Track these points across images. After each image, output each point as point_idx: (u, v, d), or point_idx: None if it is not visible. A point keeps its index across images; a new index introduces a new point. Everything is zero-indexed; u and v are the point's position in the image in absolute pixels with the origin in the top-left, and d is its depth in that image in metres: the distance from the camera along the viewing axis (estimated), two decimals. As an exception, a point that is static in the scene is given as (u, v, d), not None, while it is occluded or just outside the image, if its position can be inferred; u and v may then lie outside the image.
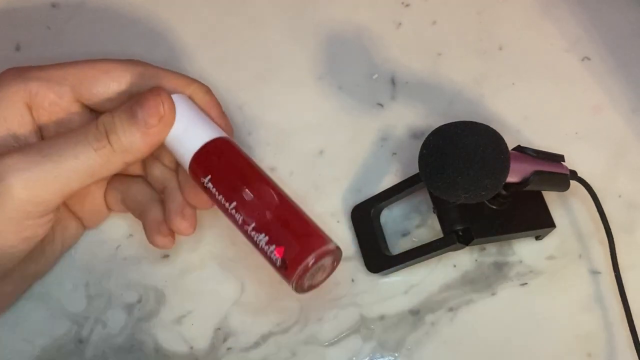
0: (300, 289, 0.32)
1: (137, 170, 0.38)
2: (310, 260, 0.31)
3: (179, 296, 0.40)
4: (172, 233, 0.36)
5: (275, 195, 0.33)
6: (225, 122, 0.36)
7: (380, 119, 0.43)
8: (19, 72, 0.34)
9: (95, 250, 0.41)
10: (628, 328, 0.37)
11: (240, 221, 0.33)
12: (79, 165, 0.31)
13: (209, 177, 0.33)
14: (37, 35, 0.46)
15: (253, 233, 0.32)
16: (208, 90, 0.36)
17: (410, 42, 0.46)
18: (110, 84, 0.35)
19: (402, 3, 0.47)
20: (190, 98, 0.35)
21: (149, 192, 0.37)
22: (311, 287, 0.33)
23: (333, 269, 0.34)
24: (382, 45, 0.45)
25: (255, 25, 0.46)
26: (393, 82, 0.45)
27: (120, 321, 0.39)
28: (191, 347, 0.39)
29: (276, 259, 0.32)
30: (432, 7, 0.47)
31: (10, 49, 0.46)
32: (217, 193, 0.33)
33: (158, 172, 0.37)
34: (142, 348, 0.39)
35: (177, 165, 0.37)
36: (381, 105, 0.44)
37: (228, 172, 0.33)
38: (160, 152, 0.36)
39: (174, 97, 0.34)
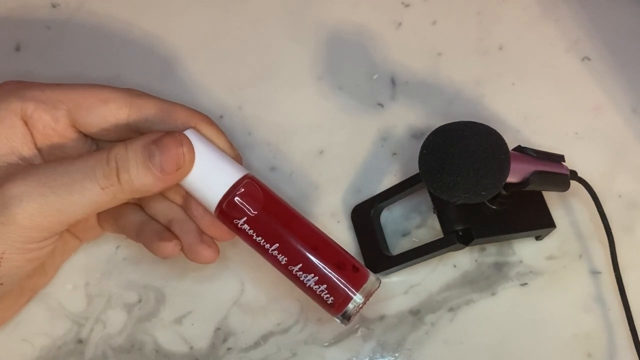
0: (349, 322, 0.33)
1: (131, 199, 0.36)
2: (360, 298, 0.32)
3: (179, 296, 0.40)
4: (175, 237, 0.35)
5: (313, 232, 0.33)
6: (234, 152, 0.35)
7: (380, 119, 0.43)
8: (17, 89, 0.33)
9: (95, 250, 0.41)
10: (628, 328, 0.37)
11: (283, 262, 0.32)
12: (84, 200, 0.30)
13: (244, 219, 0.32)
14: (37, 35, 0.46)
15: (300, 273, 0.32)
16: (211, 122, 0.35)
17: (410, 42, 0.46)
18: (107, 114, 0.34)
19: (402, 3, 0.47)
20: None
21: (143, 215, 0.36)
22: (354, 316, 0.34)
23: (372, 295, 0.34)
24: (382, 45, 0.45)
25: (254, 25, 0.46)
26: (393, 82, 0.45)
27: (120, 321, 0.39)
28: (191, 347, 0.39)
29: (328, 298, 0.32)
30: (432, 7, 0.47)
31: (10, 49, 0.46)
32: (254, 235, 0.33)
33: (160, 206, 0.36)
34: (142, 348, 0.39)
35: (185, 200, 0.35)
36: (381, 105, 0.44)
37: (263, 213, 0.33)
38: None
39: (187, 133, 0.32)
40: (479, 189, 0.32)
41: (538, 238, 0.40)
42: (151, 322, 0.39)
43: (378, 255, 0.39)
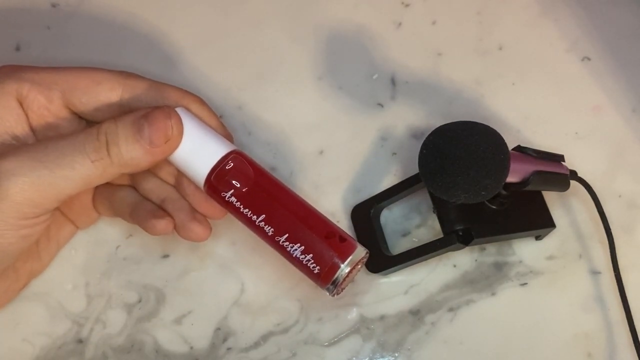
0: (337, 293, 0.33)
1: (124, 181, 0.37)
2: (347, 265, 0.32)
3: (179, 296, 0.40)
4: (168, 215, 0.35)
5: (300, 204, 0.34)
6: (225, 132, 0.36)
7: (380, 119, 0.43)
8: (13, 71, 0.34)
9: (95, 250, 0.41)
10: (628, 328, 0.37)
11: (270, 233, 0.33)
12: (75, 175, 0.31)
13: (232, 191, 0.33)
14: (37, 35, 0.46)
15: (286, 244, 0.33)
16: (202, 102, 0.36)
17: (410, 42, 0.46)
18: (100, 94, 0.34)
19: (402, 3, 0.47)
20: None
21: (136, 195, 0.37)
22: (342, 289, 0.34)
23: (359, 269, 0.34)
24: (382, 45, 0.45)
25: (255, 25, 0.46)
26: (393, 82, 0.45)
27: (120, 321, 0.39)
28: (191, 347, 0.39)
29: (314, 267, 0.32)
30: (432, 7, 0.47)
31: (10, 49, 0.46)
32: (241, 207, 0.33)
33: (153, 185, 0.36)
34: (142, 348, 0.39)
35: (177, 179, 0.36)
36: (381, 105, 0.44)
37: (251, 185, 0.33)
38: (156, 167, 0.36)
39: (178, 111, 0.33)
40: (479, 189, 0.32)
41: (538, 238, 0.40)
42: (151, 322, 0.39)
43: (378, 255, 0.39)
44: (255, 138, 0.43)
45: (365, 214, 0.40)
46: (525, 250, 0.40)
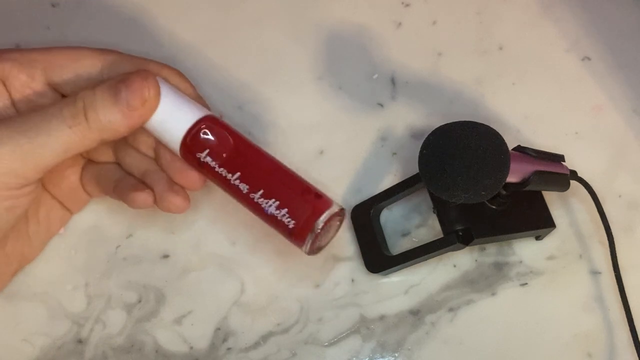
0: (312, 250, 0.33)
1: (108, 157, 0.38)
2: (323, 219, 0.32)
3: (179, 296, 0.40)
4: (148, 188, 0.35)
5: (276, 164, 0.34)
6: (202, 102, 0.36)
7: (380, 119, 0.44)
8: None
9: (95, 250, 0.41)
10: (628, 328, 0.37)
11: (245, 190, 0.33)
12: (53, 142, 0.31)
13: (207, 151, 0.33)
14: (37, 35, 0.46)
15: (261, 200, 0.32)
16: (180, 74, 0.36)
17: (410, 42, 0.46)
18: (80, 70, 0.35)
19: (402, 3, 0.47)
20: None
21: (121, 171, 0.37)
22: (320, 248, 0.34)
23: (338, 228, 0.34)
24: (382, 45, 0.45)
25: (255, 25, 0.46)
26: (393, 82, 0.45)
27: (120, 321, 0.39)
28: (191, 347, 0.39)
29: (289, 221, 0.32)
30: (432, 7, 0.47)
31: (10, 49, 0.46)
32: (216, 166, 0.33)
33: (133, 159, 0.37)
34: (142, 348, 0.39)
35: (156, 151, 0.36)
36: (381, 105, 0.44)
37: (226, 145, 0.33)
38: (135, 139, 0.36)
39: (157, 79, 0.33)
40: (479, 188, 0.32)
41: (538, 238, 0.40)
42: (151, 322, 0.39)
43: (378, 255, 0.39)
44: (255, 138, 0.43)
45: (365, 214, 0.40)
46: (525, 250, 0.40)
